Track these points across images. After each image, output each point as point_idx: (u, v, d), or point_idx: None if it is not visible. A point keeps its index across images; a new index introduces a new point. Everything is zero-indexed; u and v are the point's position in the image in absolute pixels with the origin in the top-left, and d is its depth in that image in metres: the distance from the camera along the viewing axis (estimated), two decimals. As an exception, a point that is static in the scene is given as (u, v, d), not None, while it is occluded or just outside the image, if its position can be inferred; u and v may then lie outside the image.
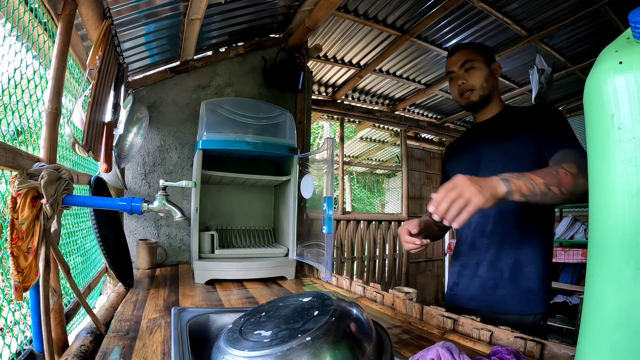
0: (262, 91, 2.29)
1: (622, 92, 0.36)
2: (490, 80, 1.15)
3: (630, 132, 0.35)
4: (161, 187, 0.71)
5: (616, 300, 0.36)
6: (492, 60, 1.18)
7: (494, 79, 1.17)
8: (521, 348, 0.74)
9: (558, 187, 0.78)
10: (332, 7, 1.93)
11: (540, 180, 0.78)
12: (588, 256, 0.41)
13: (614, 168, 0.37)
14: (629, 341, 0.35)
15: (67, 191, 0.74)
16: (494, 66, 1.17)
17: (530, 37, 2.88)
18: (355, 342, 0.50)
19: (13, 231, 0.63)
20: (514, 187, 0.76)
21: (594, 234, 0.40)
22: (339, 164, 4.04)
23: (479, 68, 1.15)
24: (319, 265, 1.49)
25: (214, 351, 0.55)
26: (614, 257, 0.37)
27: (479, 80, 1.14)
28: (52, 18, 0.98)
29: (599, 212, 0.39)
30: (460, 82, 1.16)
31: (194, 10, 1.54)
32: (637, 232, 0.35)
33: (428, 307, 0.99)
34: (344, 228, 3.92)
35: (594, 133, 0.40)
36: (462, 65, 1.16)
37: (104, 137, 1.19)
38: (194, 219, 1.52)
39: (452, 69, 1.19)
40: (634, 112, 0.35)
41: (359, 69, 3.34)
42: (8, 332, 0.80)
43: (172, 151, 2.02)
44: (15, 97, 0.87)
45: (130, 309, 1.06)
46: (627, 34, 0.37)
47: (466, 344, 0.81)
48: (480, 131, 1.19)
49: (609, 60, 0.37)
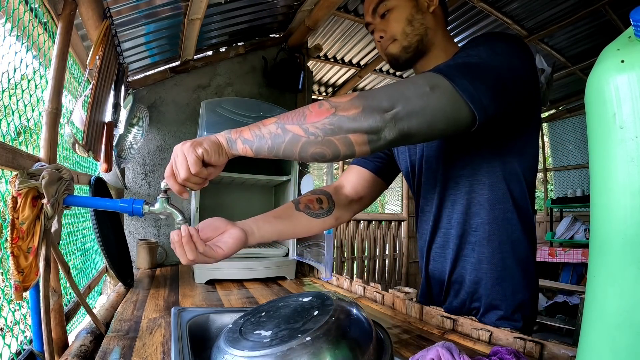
0: (262, 91, 2.29)
1: (623, 91, 0.36)
2: (417, 20, 0.79)
3: (632, 132, 0.35)
4: (162, 190, 0.70)
5: (618, 300, 0.36)
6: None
7: (425, 17, 0.80)
8: (521, 348, 0.74)
9: (300, 124, 0.54)
10: (332, 7, 1.93)
11: (271, 120, 0.57)
12: (589, 256, 0.41)
13: (615, 167, 0.37)
14: (631, 342, 0.35)
15: (68, 191, 0.74)
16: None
17: (530, 37, 2.88)
18: (355, 342, 0.50)
19: (13, 231, 0.63)
20: (235, 134, 0.60)
21: (596, 234, 0.40)
22: (339, 164, 4.04)
23: (396, 8, 0.80)
24: (319, 265, 1.49)
25: (214, 351, 0.55)
26: (616, 258, 0.37)
27: (399, 25, 0.80)
28: (52, 18, 0.98)
29: (601, 212, 0.39)
30: (378, 35, 0.83)
31: (194, 10, 1.54)
32: (638, 231, 0.35)
33: (428, 307, 0.98)
34: (344, 228, 3.92)
35: (596, 132, 0.40)
36: (375, 10, 0.82)
37: (104, 137, 1.19)
38: (194, 219, 1.52)
39: (367, 19, 0.86)
40: (636, 111, 0.35)
41: (359, 69, 3.35)
42: (8, 332, 0.80)
43: (172, 151, 2.02)
44: (16, 97, 0.87)
45: (130, 309, 1.06)
46: (628, 33, 0.37)
47: (466, 344, 0.81)
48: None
49: (611, 59, 0.37)
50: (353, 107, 0.53)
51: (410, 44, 0.81)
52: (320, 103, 0.55)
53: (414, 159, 0.93)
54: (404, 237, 4.44)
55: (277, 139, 0.55)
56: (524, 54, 0.67)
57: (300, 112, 0.55)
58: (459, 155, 0.82)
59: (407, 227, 4.46)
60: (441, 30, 0.83)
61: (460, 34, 2.85)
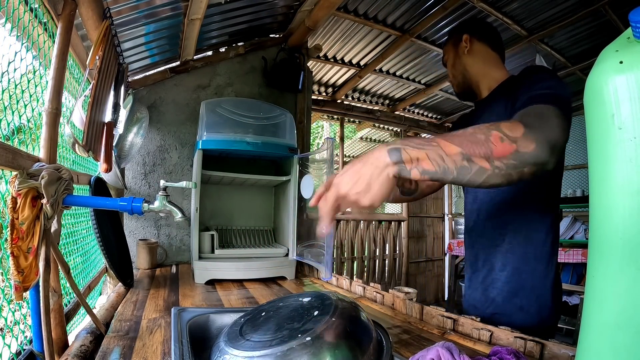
0: (262, 91, 2.29)
1: (622, 92, 0.36)
2: (458, 63, 1.02)
3: (630, 132, 0.35)
4: (162, 188, 0.71)
5: (617, 300, 0.36)
6: (459, 40, 1.03)
7: (462, 59, 1.02)
8: (521, 348, 0.74)
9: (487, 158, 0.54)
10: (332, 7, 1.93)
11: (455, 149, 0.55)
12: (588, 256, 0.41)
13: (614, 168, 0.37)
14: (630, 342, 0.35)
15: (67, 191, 0.74)
16: (459, 44, 1.02)
17: (530, 37, 2.88)
18: (355, 342, 0.50)
19: (13, 231, 0.63)
20: (407, 158, 0.55)
21: (595, 234, 0.40)
22: (339, 164, 4.04)
23: (449, 57, 1.05)
24: (319, 265, 1.49)
25: (214, 351, 0.55)
26: (615, 258, 0.37)
27: (450, 70, 1.05)
28: (52, 18, 0.98)
29: (600, 212, 0.39)
30: (449, 79, 1.11)
31: (194, 10, 1.54)
32: (638, 232, 0.35)
33: (428, 307, 0.98)
34: (344, 228, 3.92)
35: (594, 133, 0.40)
36: (445, 63, 1.10)
37: (104, 137, 1.19)
38: (194, 219, 1.52)
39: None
40: (635, 112, 0.35)
41: (359, 69, 3.34)
42: (8, 332, 0.80)
43: (172, 151, 2.02)
44: (15, 97, 0.87)
45: (130, 309, 1.06)
46: (627, 34, 0.37)
47: (466, 344, 0.81)
48: (472, 114, 1.07)
49: (610, 60, 0.37)
50: (529, 141, 0.56)
51: (458, 81, 1.05)
52: (499, 136, 0.56)
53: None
54: (404, 237, 4.44)
55: (463, 171, 0.55)
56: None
57: (484, 143, 0.55)
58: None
59: (407, 227, 4.46)
60: (483, 64, 1.00)
61: (460, 34, 2.86)
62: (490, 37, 1.03)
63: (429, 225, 4.94)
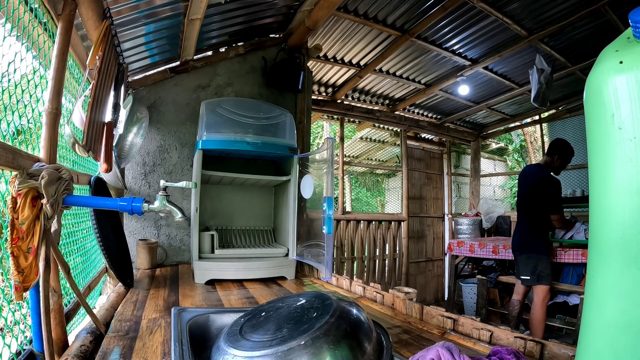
0: (262, 91, 2.29)
1: (622, 92, 0.36)
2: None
3: (630, 132, 0.35)
4: (162, 188, 0.71)
5: (616, 300, 0.36)
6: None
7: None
8: (521, 348, 0.74)
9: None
10: (332, 7, 1.93)
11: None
12: (588, 256, 0.41)
13: (614, 168, 0.37)
14: (629, 341, 0.35)
15: (67, 191, 0.74)
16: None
17: (530, 37, 2.88)
18: (355, 342, 0.50)
19: (13, 231, 0.63)
20: None
21: (595, 234, 0.40)
22: (339, 164, 4.04)
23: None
24: (319, 265, 1.49)
25: (214, 351, 0.55)
26: (615, 257, 0.37)
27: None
28: (52, 18, 0.98)
29: (600, 212, 0.39)
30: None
31: (194, 10, 1.54)
32: (637, 232, 0.35)
33: (428, 307, 0.98)
34: (344, 228, 3.91)
35: (594, 133, 0.40)
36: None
37: (104, 137, 1.19)
38: (194, 219, 1.52)
39: None
40: (635, 112, 0.35)
41: (358, 69, 3.34)
42: (8, 332, 0.80)
43: (172, 151, 2.02)
44: (15, 97, 0.87)
45: (130, 309, 1.06)
46: (627, 34, 0.37)
47: (466, 344, 0.81)
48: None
49: (610, 60, 0.37)
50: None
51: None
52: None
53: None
54: (404, 237, 4.43)
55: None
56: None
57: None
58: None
59: (407, 227, 4.46)
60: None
61: (460, 33, 2.85)
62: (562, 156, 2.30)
63: (429, 225, 4.94)
